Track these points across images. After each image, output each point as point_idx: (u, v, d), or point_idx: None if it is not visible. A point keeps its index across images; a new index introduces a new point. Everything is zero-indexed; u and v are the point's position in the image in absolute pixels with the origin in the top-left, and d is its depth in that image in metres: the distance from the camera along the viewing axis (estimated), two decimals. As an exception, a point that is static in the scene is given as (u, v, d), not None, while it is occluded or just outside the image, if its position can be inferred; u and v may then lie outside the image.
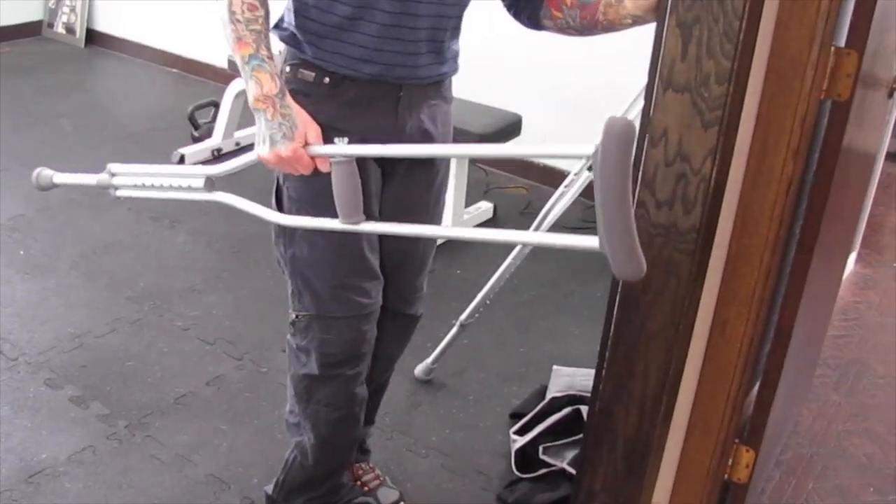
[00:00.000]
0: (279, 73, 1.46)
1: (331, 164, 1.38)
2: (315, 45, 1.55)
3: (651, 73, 1.32)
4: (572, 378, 2.39)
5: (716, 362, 1.58)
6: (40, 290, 2.83)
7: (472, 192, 3.46)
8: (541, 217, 2.34)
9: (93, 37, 5.34)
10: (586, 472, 1.60)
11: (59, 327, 2.64)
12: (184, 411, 2.33)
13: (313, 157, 1.44)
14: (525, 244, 2.20)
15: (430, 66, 1.60)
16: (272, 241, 1.69)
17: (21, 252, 3.05)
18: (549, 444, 2.15)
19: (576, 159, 2.29)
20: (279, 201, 1.65)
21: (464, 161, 3.15)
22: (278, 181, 1.65)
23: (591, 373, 1.58)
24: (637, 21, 1.52)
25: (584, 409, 2.12)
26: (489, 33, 2.77)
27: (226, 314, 2.77)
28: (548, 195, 2.43)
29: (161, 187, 1.59)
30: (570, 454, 2.12)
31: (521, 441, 2.19)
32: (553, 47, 2.28)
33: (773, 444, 2.10)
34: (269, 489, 1.94)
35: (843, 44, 1.41)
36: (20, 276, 2.90)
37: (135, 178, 1.62)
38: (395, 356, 1.98)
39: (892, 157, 3.77)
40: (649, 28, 1.42)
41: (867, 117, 1.76)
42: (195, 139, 3.92)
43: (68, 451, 2.16)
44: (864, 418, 2.49)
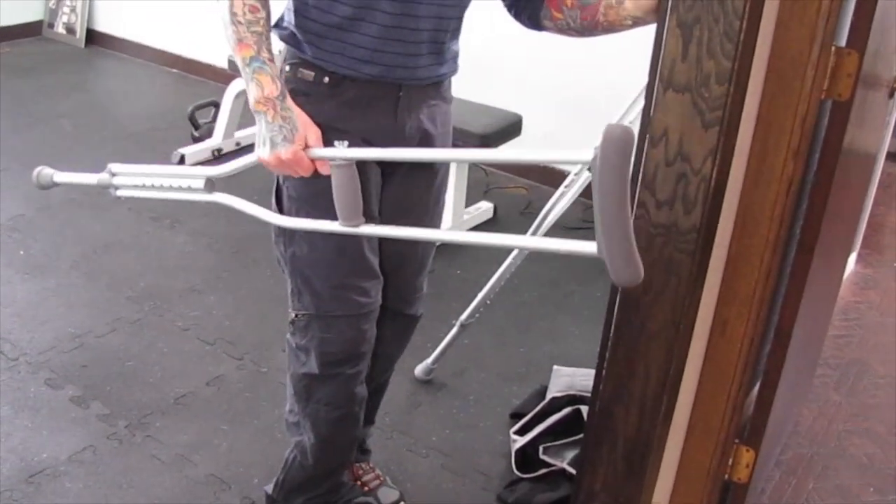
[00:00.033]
0: (280, 75, 1.46)
1: (331, 166, 1.38)
2: (315, 44, 1.55)
3: (651, 73, 1.32)
4: (572, 378, 2.39)
5: (716, 362, 1.58)
6: (40, 290, 2.83)
7: (472, 192, 3.46)
8: (541, 217, 2.33)
9: (93, 37, 5.34)
10: (586, 472, 1.60)
11: (60, 327, 2.64)
12: (184, 411, 2.33)
13: (313, 160, 1.44)
14: (523, 249, 2.20)
15: (429, 66, 1.60)
16: (272, 240, 1.69)
17: (21, 252, 3.05)
18: (549, 444, 2.15)
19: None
20: (279, 201, 1.65)
21: (464, 161, 3.15)
22: (278, 181, 1.65)
23: (592, 373, 1.58)
24: (637, 22, 1.52)
25: (584, 409, 2.12)
26: (489, 33, 2.77)
27: (226, 314, 2.77)
28: (548, 195, 2.43)
29: (161, 188, 1.60)
30: (571, 454, 2.12)
31: (521, 441, 2.19)
32: (553, 47, 2.28)
33: (773, 444, 2.10)
34: (269, 489, 1.94)
35: (843, 44, 1.41)
36: (20, 276, 2.90)
37: (135, 178, 1.62)
38: (395, 356, 1.98)
39: (892, 156, 3.77)
40: (649, 28, 1.42)
41: (868, 117, 1.76)
42: (195, 139, 3.92)
43: (69, 451, 2.16)
44: (864, 418, 2.49)
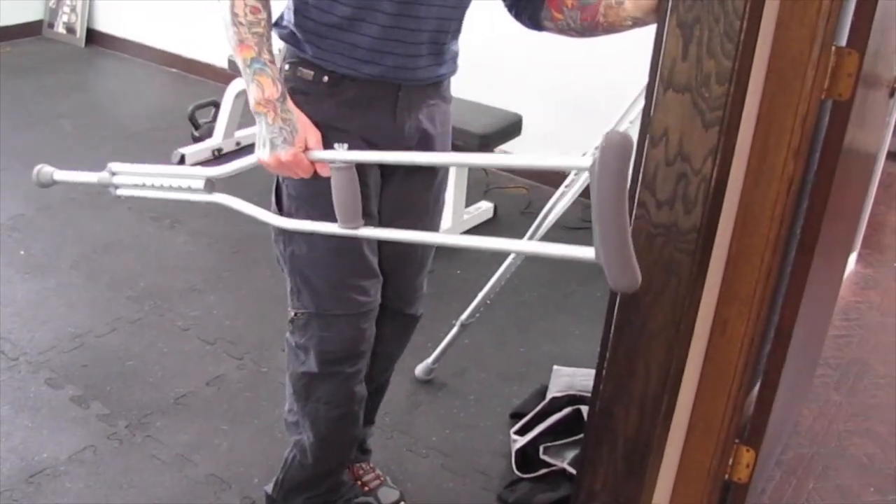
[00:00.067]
0: (280, 77, 1.46)
1: (330, 169, 1.39)
2: (315, 44, 1.55)
3: (652, 73, 1.32)
4: (572, 378, 2.39)
5: (716, 362, 1.58)
6: (41, 290, 2.83)
7: (472, 191, 3.46)
8: (541, 217, 2.33)
9: (93, 37, 5.34)
10: (587, 471, 1.60)
11: (60, 327, 2.64)
12: (184, 411, 2.33)
13: (313, 162, 1.45)
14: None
15: (429, 67, 1.60)
16: (272, 238, 1.69)
17: (21, 252, 3.05)
18: (549, 444, 2.15)
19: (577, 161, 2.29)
20: (279, 200, 1.65)
21: (464, 161, 3.15)
22: (278, 179, 1.65)
23: (592, 373, 1.58)
24: (637, 23, 1.52)
25: (584, 409, 2.12)
26: (489, 33, 2.77)
27: (226, 314, 2.77)
28: (548, 195, 2.42)
29: (161, 187, 1.60)
30: (571, 454, 2.12)
31: (521, 441, 2.19)
32: (553, 47, 2.28)
33: (773, 444, 2.10)
34: (269, 488, 1.94)
35: (844, 43, 1.41)
36: (20, 276, 2.90)
37: (135, 178, 1.62)
38: (395, 356, 1.98)
39: (892, 156, 3.76)
40: (650, 29, 1.42)
41: (868, 117, 1.76)
42: (195, 139, 3.92)
43: (69, 451, 2.16)
44: (864, 418, 2.49)
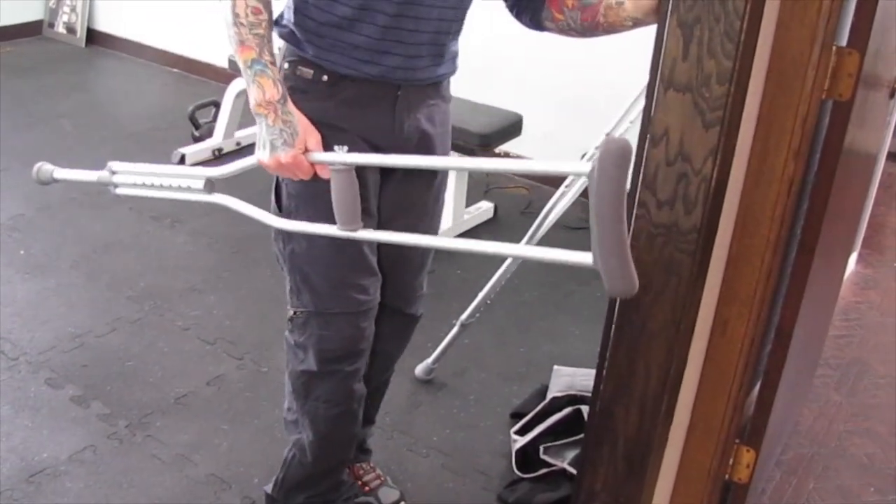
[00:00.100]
0: (281, 79, 1.46)
1: (330, 171, 1.39)
2: (314, 43, 1.55)
3: (652, 73, 1.32)
4: (573, 378, 2.39)
5: (717, 362, 1.58)
6: (41, 290, 2.83)
7: (472, 191, 3.46)
8: (541, 217, 2.33)
9: (93, 36, 5.34)
10: (587, 471, 1.60)
11: (60, 327, 2.64)
12: (184, 411, 2.33)
13: (313, 164, 1.45)
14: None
15: (429, 67, 1.60)
16: (271, 237, 1.69)
17: (21, 252, 3.05)
18: (549, 444, 2.15)
19: (578, 160, 2.29)
20: (278, 198, 1.65)
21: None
22: (278, 178, 1.65)
23: (592, 373, 1.58)
24: (637, 23, 1.52)
25: (584, 409, 2.12)
26: (489, 33, 2.77)
27: (226, 314, 2.77)
28: (548, 195, 2.43)
29: (161, 187, 1.60)
30: (571, 454, 2.12)
31: (521, 441, 2.19)
32: (553, 47, 2.28)
33: (773, 444, 2.10)
34: (269, 488, 1.94)
35: (844, 43, 1.41)
36: (20, 276, 2.90)
37: (135, 177, 1.63)
38: (395, 355, 1.98)
39: (893, 156, 3.77)
40: (650, 29, 1.42)
41: (868, 117, 1.76)
42: (196, 139, 3.92)
43: (69, 451, 2.16)
44: (865, 418, 2.49)
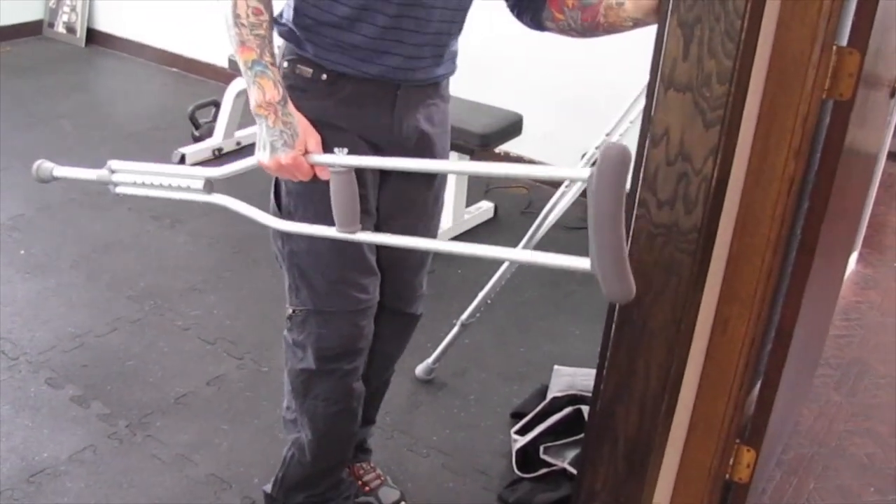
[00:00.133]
0: (282, 80, 1.46)
1: (330, 173, 1.39)
2: (314, 42, 1.55)
3: (652, 72, 1.32)
4: (573, 378, 2.39)
5: (717, 362, 1.58)
6: (41, 290, 2.83)
7: (472, 191, 3.46)
8: (542, 217, 2.33)
9: (93, 36, 5.34)
10: (587, 471, 1.60)
11: (60, 327, 2.64)
12: (184, 411, 2.33)
13: (312, 165, 1.45)
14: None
15: (428, 68, 1.61)
16: (270, 235, 1.69)
17: (21, 251, 3.05)
18: (549, 444, 2.15)
19: (579, 159, 2.30)
20: (277, 196, 1.66)
21: (464, 160, 3.15)
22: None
23: (592, 373, 1.58)
24: (637, 24, 1.52)
25: (584, 408, 2.12)
26: (489, 33, 2.77)
27: (226, 314, 2.76)
28: (549, 195, 2.42)
29: (160, 186, 1.60)
30: (571, 454, 2.12)
31: (522, 441, 2.19)
32: (554, 47, 2.28)
33: (774, 444, 2.10)
34: (268, 488, 1.94)
35: (844, 43, 1.41)
36: (21, 276, 2.90)
37: (134, 176, 1.63)
38: (395, 355, 1.98)
39: (893, 156, 3.77)
40: (650, 29, 1.42)
41: (869, 117, 1.76)
42: (196, 139, 3.92)
43: (69, 451, 2.16)
44: (865, 418, 2.49)
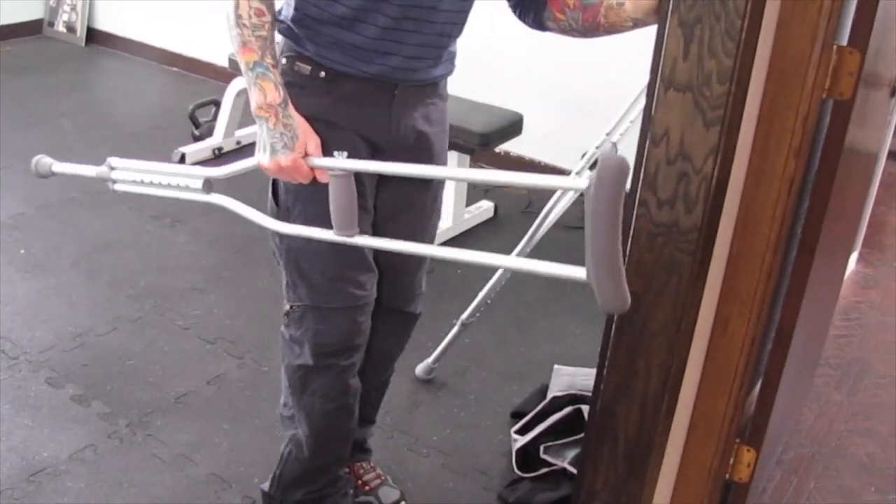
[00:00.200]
0: (283, 82, 1.46)
1: (329, 176, 1.40)
2: (313, 40, 1.55)
3: (653, 72, 1.32)
4: (573, 377, 2.39)
5: (717, 361, 1.58)
6: (41, 289, 2.83)
7: (472, 191, 3.46)
8: (542, 217, 2.33)
9: (93, 35, 5.34)
10: (587, 471, 1.60)
11: (60, 326, 2.64)
12: (185, 410, 2.33)
13: (312, 168, 1.45)
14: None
15: (428, 69, 1.61)
16: (268, 231, 1.69)
17: (22, 251, 3.05)
18: (550, 444, 2.15)
19: (580, 159, 2.30)
20: (275, 193, 1.66)
21: (465, 159, 3.15)
22: None
23: (592, 372, 1.58)
24: (638, 24, 1.52)
25: (585, 408, 2.12)
26: (490, 33, 2.77)
27: (227, 313, 2.76)
28: (549, 195, 2.42)
29: (159, 185, 1.60)
30: (572, 453, 2.12)
31: (522, 440, 2.19)
32: (554, 47, 2.28)
33: (774, 444, 2.10)
34: (266, 486, 1.93)
35: (845, 42, 1.41)
36: (21, 275, 2.90)
37: (133, 174, 1.63)
38: (395, 354, 1.98)
39: (893, 156, 3.77)
40: (650, 29, 1.42)
41: (869, 116, 1.76)
42: (196, 138, 3.92)
43: (69, 450, 2.16)
44: (865, 418, 2.49)
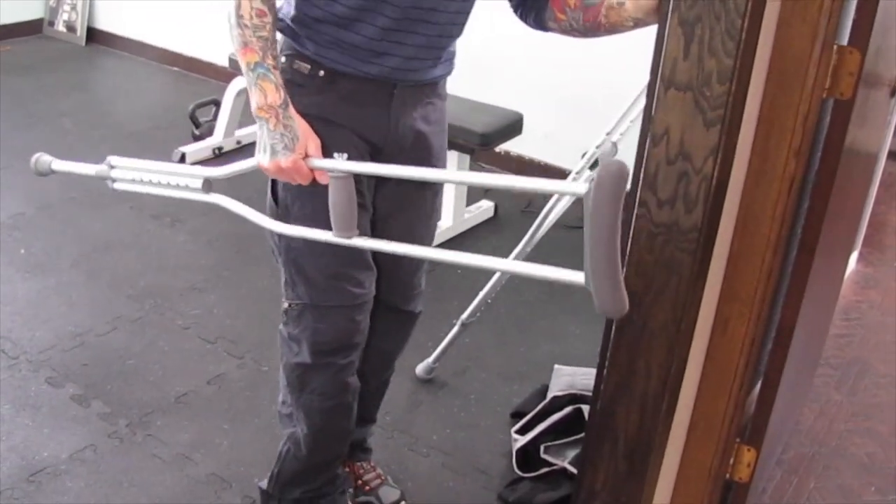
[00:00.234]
0: (283, 83, 1.46)
1: (329, 177, 1.40)
2: (313, 39, 1.55)
3: (653, 71, 1.32)
4: (573, 377, 2.39)
5: (717, 361, 1.57)
6: (41, 289, 2.83)
7: (473, 190, 3.46)
8: (542, 216, 2.33)
9: (94, 35, 5.34)
10: (587, 471, 1.60)
11: (60, 326, 2.64)
12: (185, 410, 2.33)
13: (312, 169, 1.46)
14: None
15: (427, 69, 1.61)
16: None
17: (22, 250, 3.05)
18: (550, 444, 2.15)
19: (580, 158, 2.30)
20: (274, 191, 1.66)
21: (465, 159, 3.15)
22: None
23: (592, 372, 1.58)
24: (639, 23, 1.52)
25: (585, 408, 2.12)
26: (490, 33, 2.76)
27: (227, 313, 2.76)
28: (549, 195, 2.42)
29: (159, 184, 1.60)
30: (572, 453, 2.12)
31: (522, 440, 2.19)
32: (554, 47, 2.28)
33: (774, 444, 2.10)
34: (264, 484, 1.93)
35: (845, 42, 1.41)
36: (21, 275, 2.90)
37: (133, 173, 1.63)
38: (395, 353, 1.98)
39: (893, 155, 3.76)
40: (650, 28, 1.42)
41: (869, 116, 1.76)
42: (196, 137, 3.92)
43: (69, 450, 2.16)
44: (865, 417, 2.49)
